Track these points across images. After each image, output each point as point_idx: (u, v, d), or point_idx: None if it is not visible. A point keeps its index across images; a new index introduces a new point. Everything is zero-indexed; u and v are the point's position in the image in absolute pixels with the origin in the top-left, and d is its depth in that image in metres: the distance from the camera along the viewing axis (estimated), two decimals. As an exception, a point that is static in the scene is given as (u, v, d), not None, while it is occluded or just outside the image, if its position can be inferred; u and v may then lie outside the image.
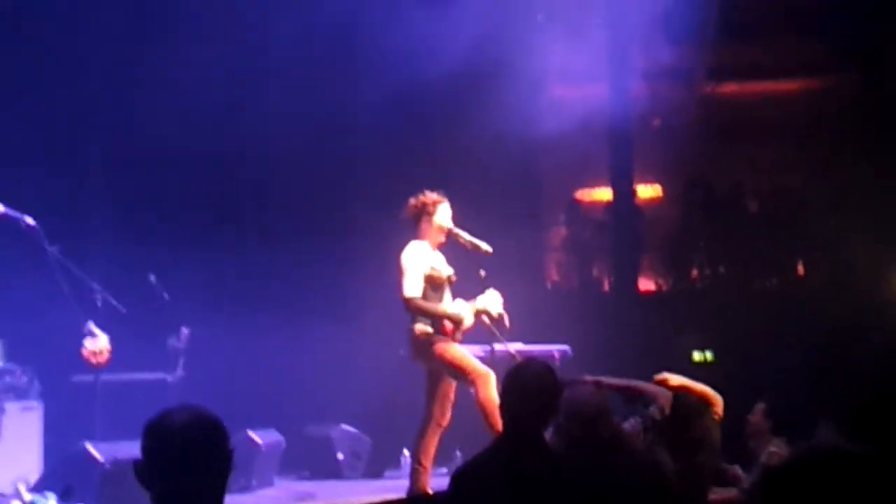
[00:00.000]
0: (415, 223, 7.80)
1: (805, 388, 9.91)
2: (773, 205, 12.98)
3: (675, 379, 6.15)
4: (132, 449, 3.14)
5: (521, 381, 4.67)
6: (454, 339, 7.65)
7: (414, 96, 10.42)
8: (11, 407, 9.16)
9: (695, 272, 13.18)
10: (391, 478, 9.52)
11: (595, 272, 13.32)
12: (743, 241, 12.78)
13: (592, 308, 12.18)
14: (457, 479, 4.64)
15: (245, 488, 8.95)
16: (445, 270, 7.81)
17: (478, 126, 10.85)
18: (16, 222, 7.66)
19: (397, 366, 8.51)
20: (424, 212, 7.78)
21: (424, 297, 7.64)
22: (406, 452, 9.07)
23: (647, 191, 13.18)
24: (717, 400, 6.10)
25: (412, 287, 7.60)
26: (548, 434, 4.78)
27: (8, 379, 9.28)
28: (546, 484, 4.48)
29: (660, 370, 6.27)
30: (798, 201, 12.71)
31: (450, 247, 7.91)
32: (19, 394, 9.31)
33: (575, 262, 13.40)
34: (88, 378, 8.26)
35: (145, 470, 3.05)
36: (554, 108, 11.64)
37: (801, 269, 12.94)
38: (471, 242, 7.81)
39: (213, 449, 3.06)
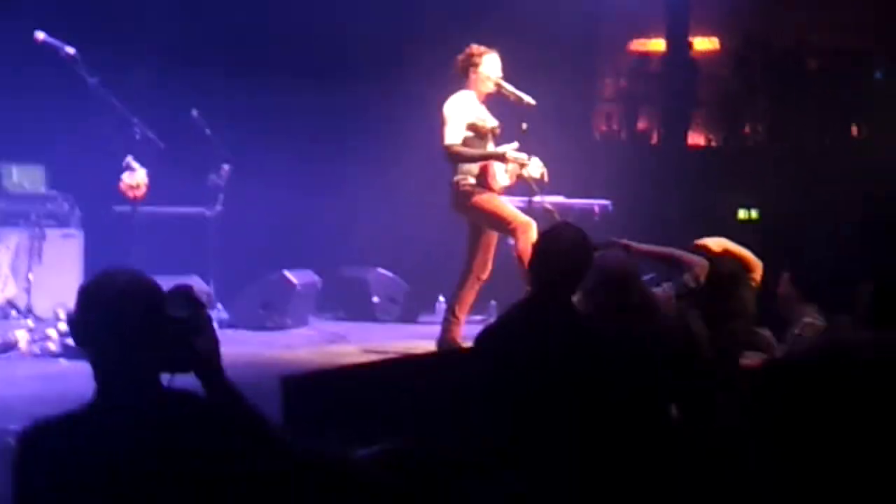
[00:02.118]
0: (463, 76, 7.70)
1: (849, 251, 9.79)
2: (833, 64, 12.65)
3: (716, 243, 6.04)
4: (168, 283, 3.09)
5: (552, 245, 4.59)
6: (494, 191, 7.59)
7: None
8: (52, 233, 9.24)
9: (747, 128, 12.98)
10: (425, 323, 9.53)
11: (644, 125, 13.14)
12: (799, 99, 12.52)
13: (639, 161, 12.03)
14: (481, 339, 4.60)
15: (280, 326, 9.06)
16: (490, 122, 7.72)
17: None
18: (56, 51, 7.60)
19: (437, 213, 8.46)
20: (471, 63, 7.67)
21: (467, 145, 7.59)
22: (441, 299, 9.09)
23: (703, 44, 12.89)
24: (756, 265, 5.99)
25: (452, 135, 7.54)
26: (576, 298, 4.72)
27: (49, 206, 9.35)
28: (572, 349, 4.44)
29: (704, 226, 6.17)
30: (860, 62, 12.41)
31: (495, 102, 7.81)
32: (60, 221, 9.38)
33: (624, 114, 13.22)
34: (129, 209, 8.29)
35: (80, 328, 2.99)
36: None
37: (854, 131, 12.70)
38: (515, 94, 7.69)
39: (148, 315, 2.95)
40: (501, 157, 7.56)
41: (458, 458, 4.45)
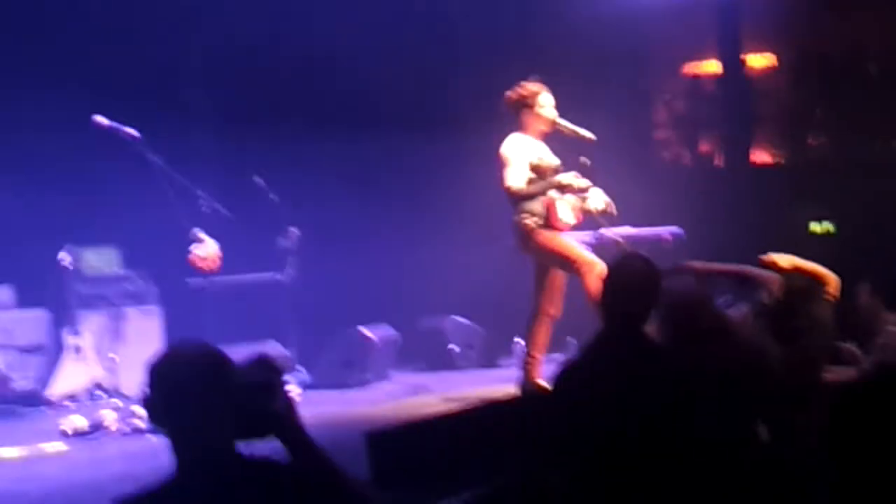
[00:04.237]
0: (516, 115, 7.69)
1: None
2: (894, 65, 12.48)
3: (785, 260, 5.95)
4: (246, 350, 3.15)
5: (620, 278, 4.59)
6: (559, 229, 7.57)
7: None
8: (131, 312, 9.43)
9: (811, 141, 12.84)
10: (504, 366, 9.52)
11: (706, 147, 13.07)
12: (861, 105, 12.36)
13: (705, 185, 11.96)
14: (557, 379, 4.60)
15: (362, 383, 9.11)
16: (550, 160, 7.70)
17: (580, 2, 10.63)
18: (118, 134, 7.74)
19: (507, 255, 8.47)
20: (524, 104, 7.65)
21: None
22: (518, 340, 9.08)
23: (757, 60, 12.81)
24: (831, 279, 5.89)
25: (515, 178, 7.53)
26: (651, 326, 4.70)
27: (126, 285, 9.54)
28: (647, 378, 4.42)
29: (776, 244, 6.09)
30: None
31: (555, 138, 7.80)
32: (138, 299, 9.56)
33: (684, 138, 13.15)
34: (203, 281, 8.40)
35: (152, 406, 3.02)
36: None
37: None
38: (573, 131, 7.68)
39: (216, 386, 2.98)
40: (561, 186, 7.55)
41: (545, 500, 4.44)
